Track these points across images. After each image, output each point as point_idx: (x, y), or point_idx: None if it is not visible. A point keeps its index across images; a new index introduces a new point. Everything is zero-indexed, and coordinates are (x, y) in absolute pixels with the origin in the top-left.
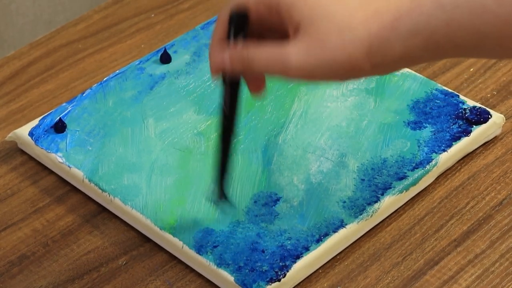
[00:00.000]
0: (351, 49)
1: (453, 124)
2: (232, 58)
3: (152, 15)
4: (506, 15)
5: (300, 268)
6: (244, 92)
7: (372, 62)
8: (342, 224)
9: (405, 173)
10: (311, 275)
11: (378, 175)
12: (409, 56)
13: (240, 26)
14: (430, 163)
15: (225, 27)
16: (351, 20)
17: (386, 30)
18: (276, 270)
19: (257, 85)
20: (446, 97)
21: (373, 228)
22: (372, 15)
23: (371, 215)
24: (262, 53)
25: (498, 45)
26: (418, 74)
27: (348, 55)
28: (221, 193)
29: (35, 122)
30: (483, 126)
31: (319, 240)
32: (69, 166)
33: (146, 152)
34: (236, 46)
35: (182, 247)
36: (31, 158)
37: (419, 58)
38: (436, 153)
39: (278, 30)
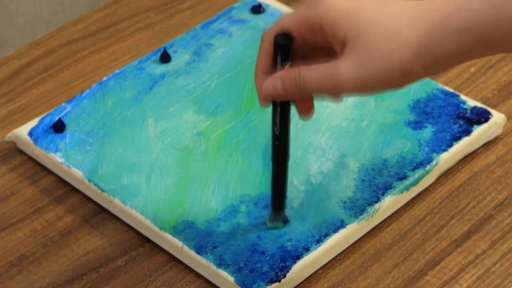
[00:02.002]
0: (400, 54)
1: (454, 124)
2: (284, 81)
3: (152, 15)
4: None
5: (300, 268)
6: (245, 91)
7: (423, 63)
8: (342, 225)
9: (406, 173)
10: (311, 275)
11: (378, 175)
12: (460, 53)
13: (287, 52)
14: (431, 163)
15: (269, 57)
16: (396, 25)
17: (435, 29)
18: (276, 270)
19: (307, 107)
20: (447, 97)
21: (373, 228)
22: (418, 17)
23: (372, 216)
24: (313, 73)
25: None
26: None
27: (399, 61)
28: (281, 216)
29: (34, 122)
30: (484, 126)
31: (319, 241)
32: (68, 166)
33: (146, 152)
34: (287, 70)
35: (182, 247)
36: (30, 158)
37: (470, 54)
38: (436, 153)
39: (323, 48)
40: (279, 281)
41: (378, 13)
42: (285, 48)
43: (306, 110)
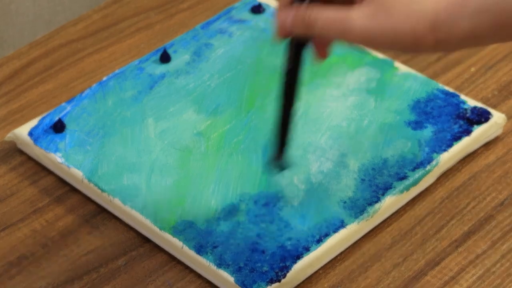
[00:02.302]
0: (416, 20)
1: (454, 124)
2: (295, 18)
3: (152, 15)
4: None
5: (301, 268)
6: (244, 91)
7: (436, 37)
8: (342, 225)
9: (406, 173)
10: (311, 275)
11: (378, 175)
12: (475, 34)
13: None
14: (431, 163)
15: None
16: None
17: (454, 5)
18: (276, 270)
19: (323, 50)
20: (447, 97)
21: (373, 228)
22: None
23: (372, 216)
24: (325, 15)
25: None
26: (419, 74)
27: (412, 26)
28: (281, 156)
29: (34, 122)
30: (484, 126)
31: (319, 241)
32: (68, 166)
33: (146, 152)
34: (301, 8)
35: (182, 247)
36: (30, 158)
37: (485, 38)
38: (437, 153)
39: None
40: (279, 281)
41: None
42: None
43: (322, 53)
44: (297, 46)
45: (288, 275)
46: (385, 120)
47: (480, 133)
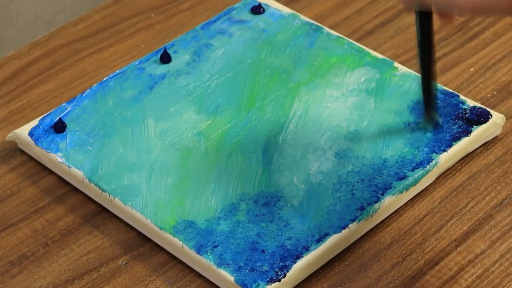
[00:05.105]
0: None
1: (453, 124)
2: None
3: (152, 15)
4: None
5: (300, 268)
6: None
7: None
8: (342, 224)
9: (405, 173)
10: (311, 275)
11: (378, 175)
12: None
13: None
14: (430, 163)
15: None
16: None
17: None
18: (276, 270)
19: (446, 17)
20: (446, 97)
21: (373, 228)
22: None
23: (371, 215)
24: None
25: None
26: (418, 75)
27: None
28: (433, 115)
29: (35, 122)
30: (483, 126)
31: (319, 240)
32: (69, 166)
33: (146, 152)
34: None
35: (182, 247)
36: (31, 158)
37: None
38: (436, 153)
39: None
40: (279, 280)
41: None
42: None
43: (444, 19)
44: (421, 15)
45: (288, 274)
46: (384, 121)
47: (479, 133)
